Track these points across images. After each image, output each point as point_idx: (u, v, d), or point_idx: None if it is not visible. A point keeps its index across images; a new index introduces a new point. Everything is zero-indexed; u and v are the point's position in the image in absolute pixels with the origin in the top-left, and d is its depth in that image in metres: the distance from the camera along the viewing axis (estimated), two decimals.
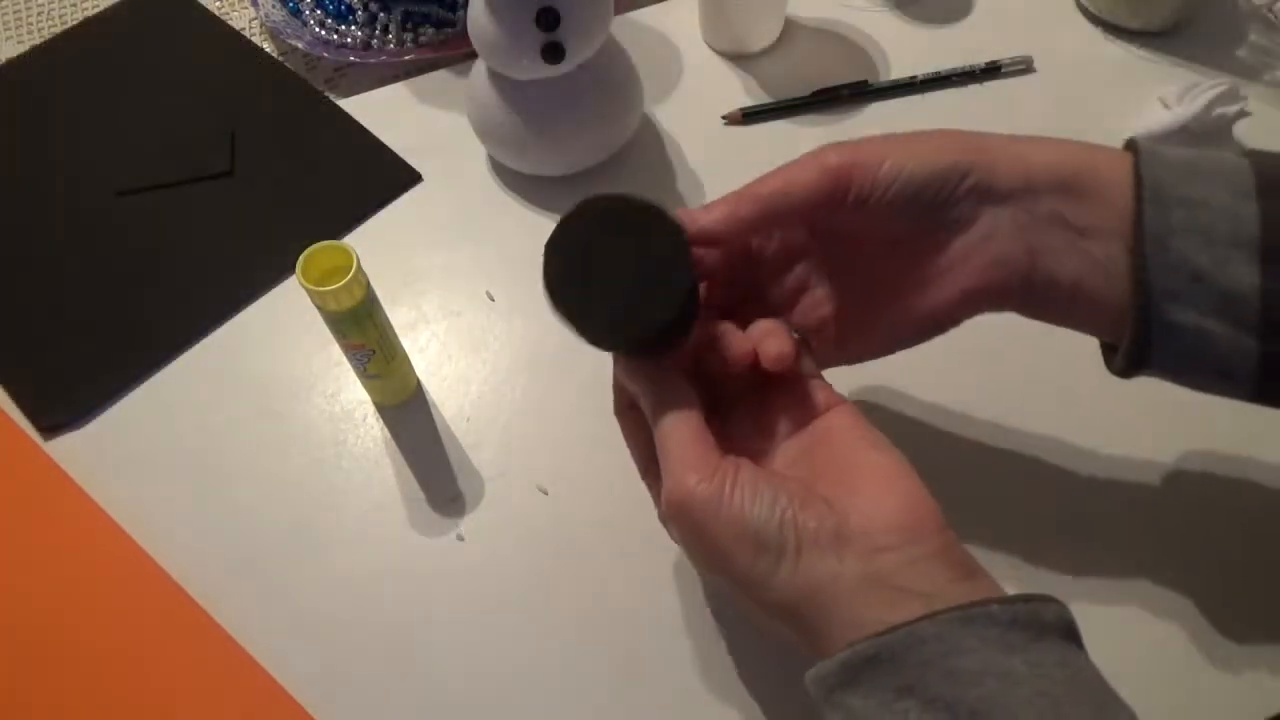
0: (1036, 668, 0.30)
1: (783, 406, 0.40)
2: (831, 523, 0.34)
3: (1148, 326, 0.36)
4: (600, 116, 0.56)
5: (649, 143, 0.61)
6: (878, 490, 0.35)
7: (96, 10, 0.70)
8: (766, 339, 0.38)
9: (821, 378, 0.40)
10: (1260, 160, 0.36)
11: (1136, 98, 0.61)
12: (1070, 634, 0.32)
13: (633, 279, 0.36)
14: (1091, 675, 0.32)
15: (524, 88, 0.54)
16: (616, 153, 0.58)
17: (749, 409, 0.40)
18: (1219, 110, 0.58)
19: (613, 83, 0.56)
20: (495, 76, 0.55)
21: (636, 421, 0.40)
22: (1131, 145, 0.37)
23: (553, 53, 0.51)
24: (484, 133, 0.57)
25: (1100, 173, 0.37)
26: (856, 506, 0.34)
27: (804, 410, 0.39)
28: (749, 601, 0.36)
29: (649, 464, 0.40)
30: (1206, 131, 0.58)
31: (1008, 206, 0.37)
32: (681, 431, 0.36)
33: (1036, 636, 0.31)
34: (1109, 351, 0.39)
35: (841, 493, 0.35)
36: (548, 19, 0.50)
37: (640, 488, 0.48)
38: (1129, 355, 0.37)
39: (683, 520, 0.36)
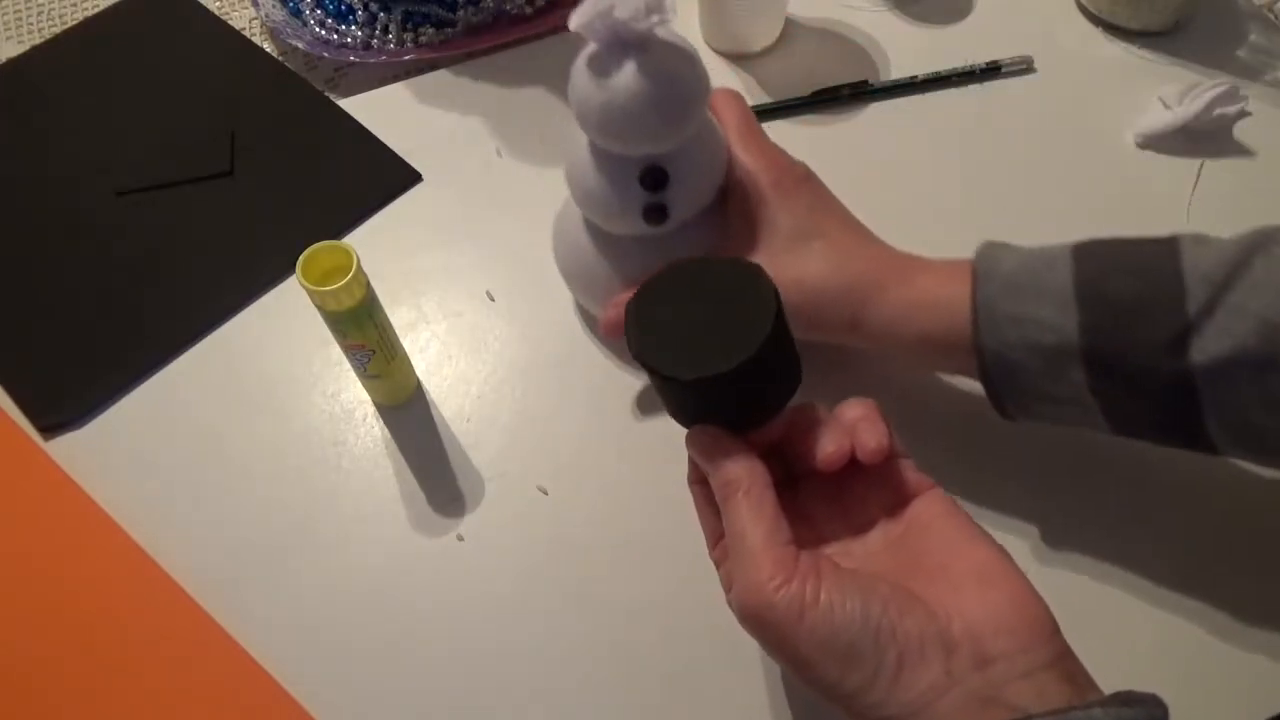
0: None
1: (867, 488, 0.37)
2: (935, 629, 0.32)
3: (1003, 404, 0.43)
4: None
5: None
6: (982, 589, 0.33)
7: (96, 10, 0.70)
8: (862, 427, 0.36)
9: (909, 456, 0.38)
10: (1082, 259, 0.40)
11: (1136, 98, 0.61)
12: None
13: (717, 321, 0.35)
14: None
15: (620, 239, 0.49)
16: None
17: (828, 488, 0.38)
18: (1219, 110, 0.58)
19: (716, 244, 0.49)
20: (589, 220, 0.49)
21: (708, 496, 0.38)
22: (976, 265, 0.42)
23: (656, 214, 0.45)
24: (570, 275, 0.52)
25: (954, 330, 0.42)
26: (960, 609, 0.32)
27: (891, 494, 0.37)
28: (834, 706, 0.33)
29: (718, 540, 0.38)
30: (1206, 131, 0.58)
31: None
32: (756, 524, 0.34)
33: None
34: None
35: (941, 592, 0.33)
36: (654, 178, 0.44)
37: (639, 488, 0.49)
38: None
39: (760, 628, 0.34)
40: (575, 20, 0.40)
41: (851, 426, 0.36)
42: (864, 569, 0.35)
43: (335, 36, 0.65)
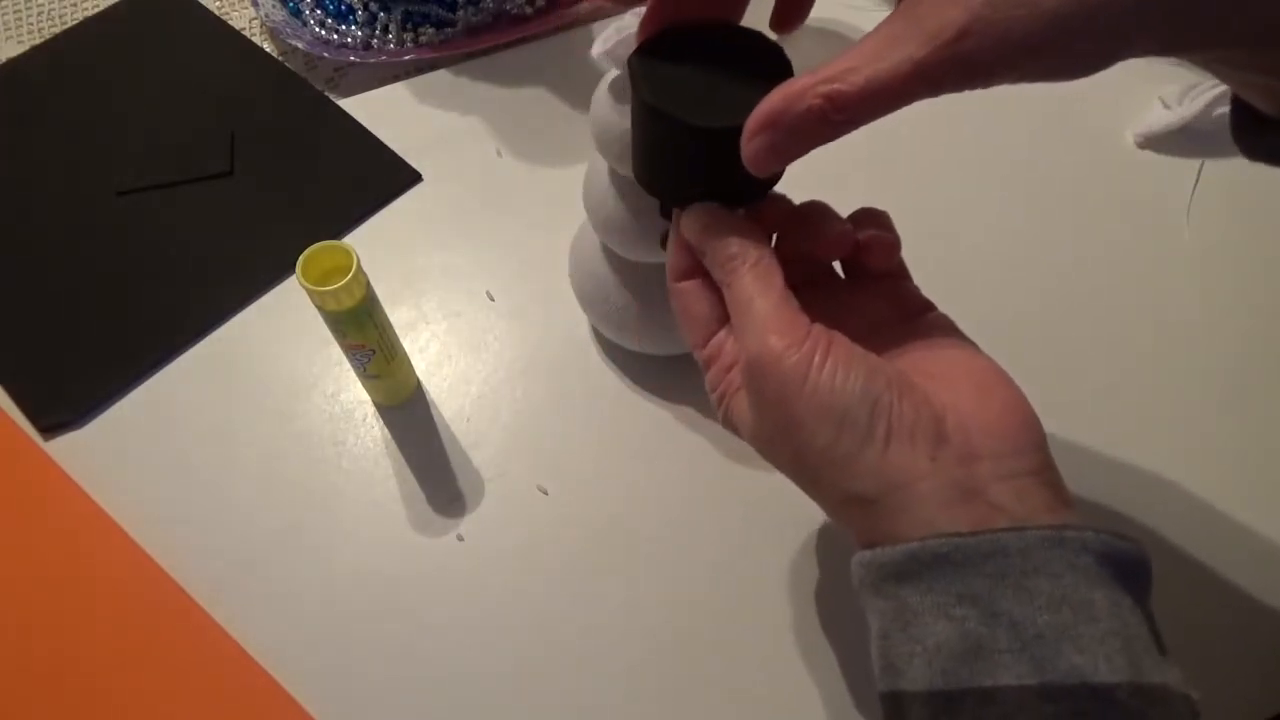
0: (1116, 607, 0.28)
1: (870, 299, 0.37)
2: (928, 415, 0.31)
3: None
4: None
5: None
6: (978, 392, 0.32)
7: (96, 10, 0.70)
8: (870, 225, 0.36)
9: (912, 280, 0.38)
10: None
11: (1136, 98, 0.61)
12: (1148, 583, 0.30)
13: (728, 77, 0.33)
14: (1156, 630, 0.30)
15: (638, 265, 0.48)
16: None
17: (829, 297, 0.37)
18: (1219, 110, 0.58)
19: None
20: (607, 246, 0.49)
21: (694, 291, 0.36)
22: None
23: None
24: (586, 300, 0.51)
25: None
26: (955, 405, 0.32)
27: (894, 308, 0.37)
28: (812, 485, 0.34)
29: (709, 334, 0.36)
30: (1206, 131, 0.58)
31: None
32: (767, 291, 0.33)
33: (1120, 575, 0.29)
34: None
35: (938, 388, 0.32)
36: None
37: (639, 489, 0.49)
38: None
39: (762, 386, 0.33)
40: (598, 47, 0.39)
41: (862, 223, 0.36)
42: None
43: (335, 36, 0.65)
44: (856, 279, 0.38)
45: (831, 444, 0.31)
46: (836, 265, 0.39)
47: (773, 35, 0.36)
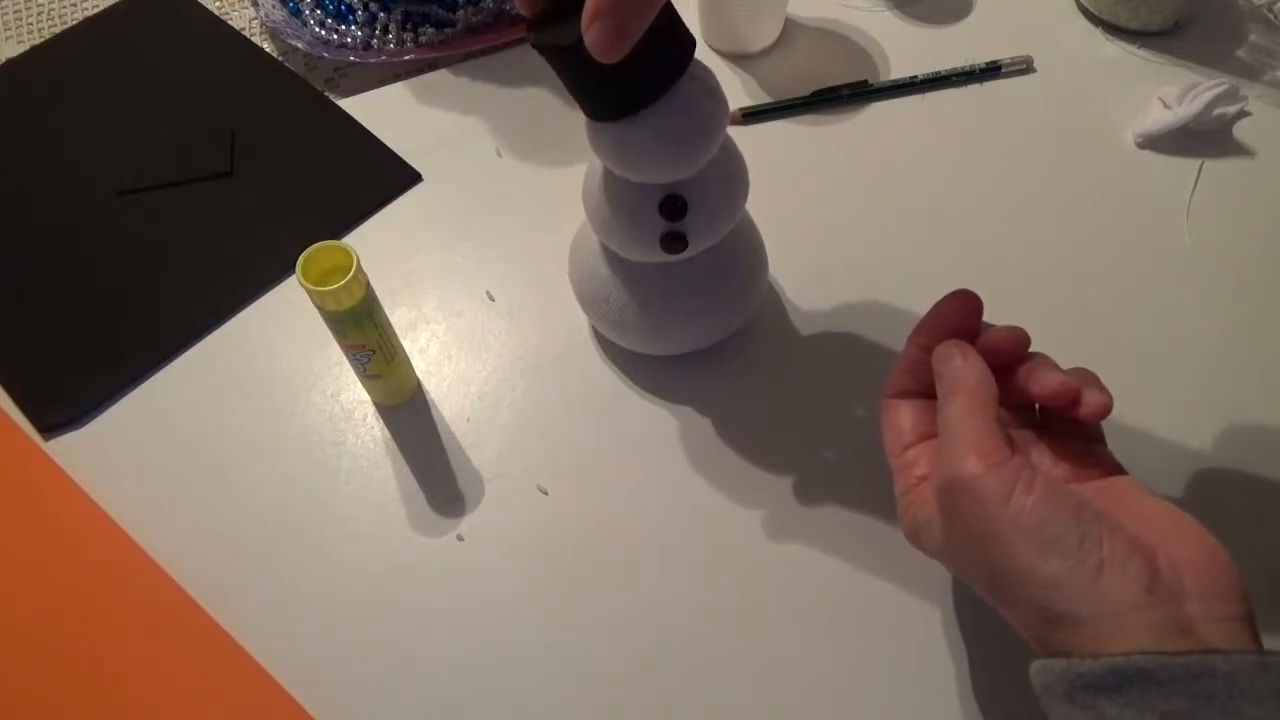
0: None
1: (1064, 449, 0.39)
2: (1141, 551, 0.33)
3: None
4: (716, 304, 0.49)
5: None
6: (1181, 536, 0.34)
7: (96, 10, 0.70)
8: (1088, 386, 0.38)
9: (1107, 445, 0.40)
10: None
11: (1136, 98, 0.61)
12: None
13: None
14: None
15: (637, 266, 0.48)
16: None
17: (1029, 439, 0.40)
18: (1219, 110, 0.58)
19: (736, 268, 0.49)
20: (606, 246, 0.48)
21: (903, 407, 0.41)
22: None
23: (673, 242, 0.44)
24: (585, 300, 0.51)
25: None
26: (1163, 546, 0.33)
27: (1088, 466, 0.38)
28: (1007, 599, 0.34)
29: (906, 446, 0.41)
30: (1206, 131, 0.58)
31: None
32: (979, 415, 0.36)
33: None
34: None
35: (1142, 529, 0.34)
36: (674, 207, 0.43)
37: (639, 489, 0.49)
38: None
39: (958, 502, 0.35)
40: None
41: (1081, 383, 0.38)
42: None
43: (335, 36, 0.65)
44: (1052, 430, 0.40)
45: (1036, 565, 0.33)
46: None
47: None
